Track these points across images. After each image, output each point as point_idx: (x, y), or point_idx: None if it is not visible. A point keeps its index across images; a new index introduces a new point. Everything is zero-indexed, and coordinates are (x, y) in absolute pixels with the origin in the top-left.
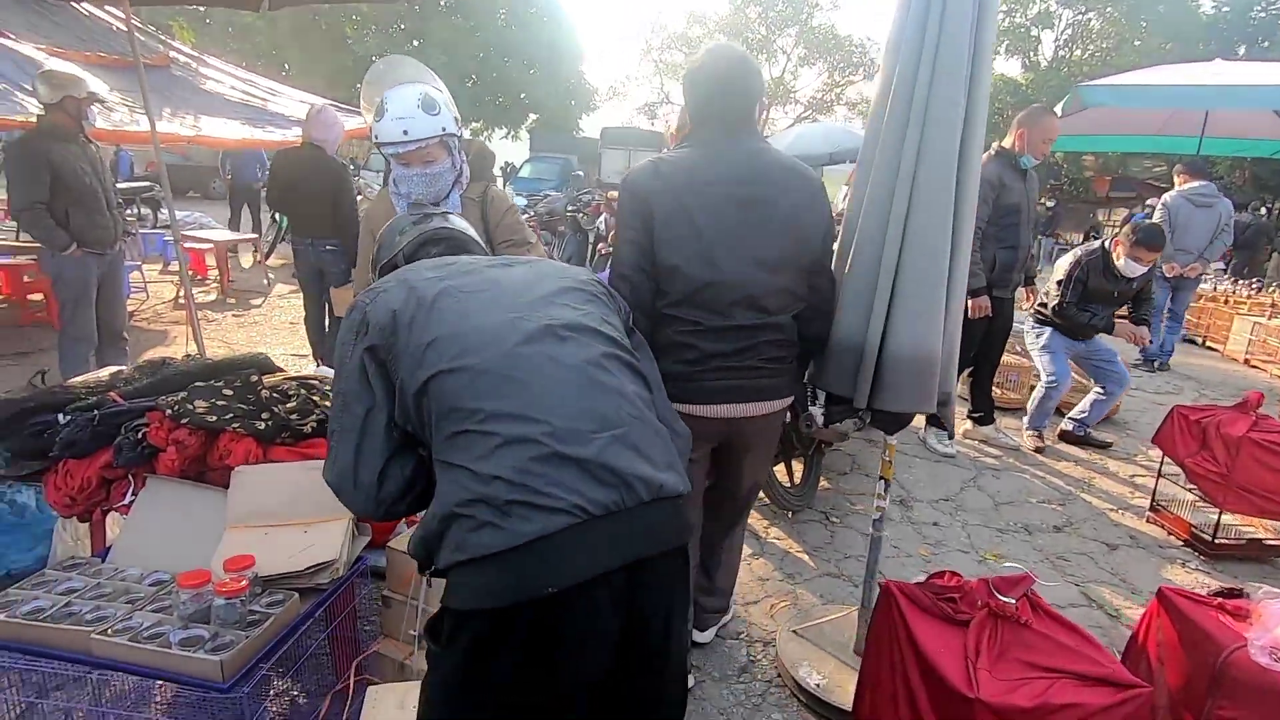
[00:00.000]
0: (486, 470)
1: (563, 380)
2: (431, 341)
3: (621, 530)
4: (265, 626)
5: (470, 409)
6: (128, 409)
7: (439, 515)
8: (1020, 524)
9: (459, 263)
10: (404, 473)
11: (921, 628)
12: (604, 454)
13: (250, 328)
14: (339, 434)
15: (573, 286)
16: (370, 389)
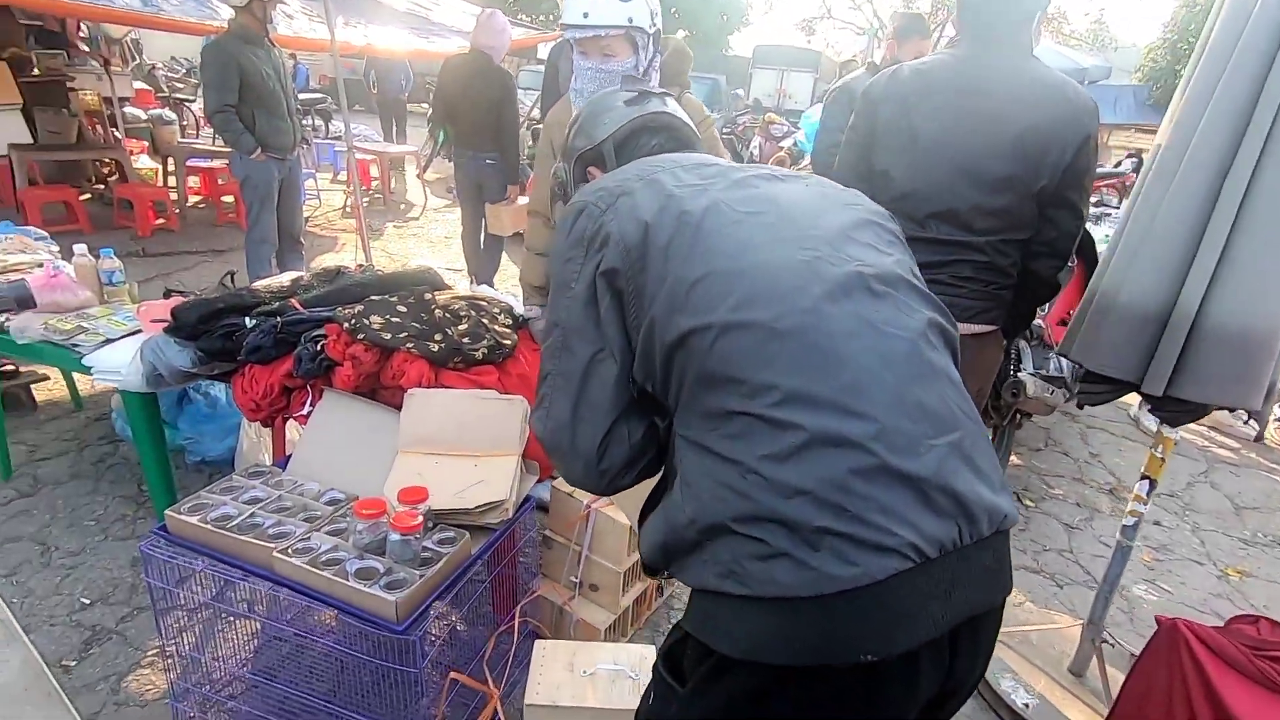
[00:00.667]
0: (785, 478)
1: (887, 357)
2: (701, 278)
3: (959, 578)
4: (438, 567)
5: (758, 383)
6: (307, 318)
7: (700, 525)
8: (1271, 536)
9: (719, 166)
10: (633, 439)
11: (1232, 691)
12: (943, 470)
13: (408, 239)
14: (555, 379)
15: (869, 219)
16: (599, 327)
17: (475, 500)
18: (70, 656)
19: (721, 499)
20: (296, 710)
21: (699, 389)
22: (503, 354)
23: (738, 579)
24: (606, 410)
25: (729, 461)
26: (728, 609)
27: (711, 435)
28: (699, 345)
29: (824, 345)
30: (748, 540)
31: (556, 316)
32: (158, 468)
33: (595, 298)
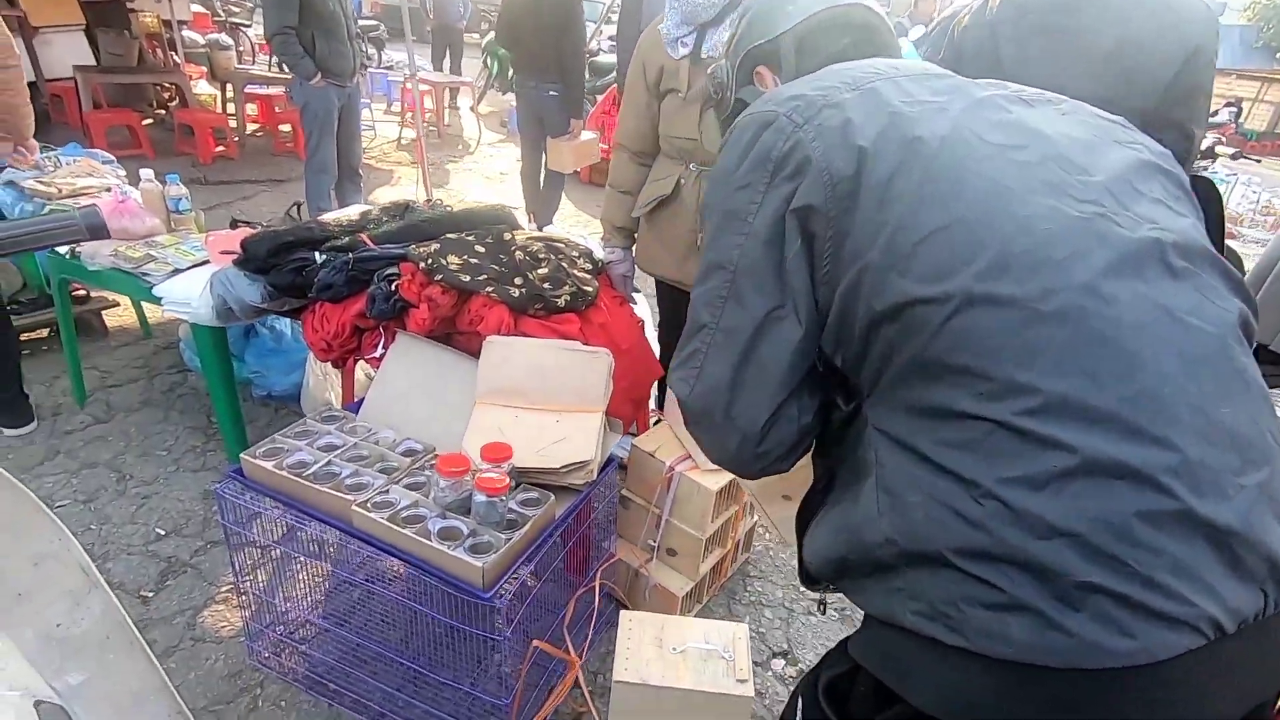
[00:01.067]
0: (1040, 512)
1: (1191, 360)
2: (936, 231)
3: (1252, 660)
4: (523, 531)
5: (1007, 381)
6: (379, 255)
7: (902, 548)
8: None
9: (952, 79)
10: (803, 420)
11: None
12: (1252, 520)
13: (462, 175)
14: (713, 335)
15: (1153, 161)
16: (780, 276)
17: (560, 459)
18: (148, 587)
19: (940, 523)
20: (368, 659)
21: (915, 376)
22: (585, 301)
23: (950, 626)
24: (779, 382)
25: (956, 478)
26: (930, 656)
27: (927, 439)
28: (924, 321)
29: (1108, 338)
30: (972, 581)
31: (722, 256)
32: (227, 402)
33: (780, 237)
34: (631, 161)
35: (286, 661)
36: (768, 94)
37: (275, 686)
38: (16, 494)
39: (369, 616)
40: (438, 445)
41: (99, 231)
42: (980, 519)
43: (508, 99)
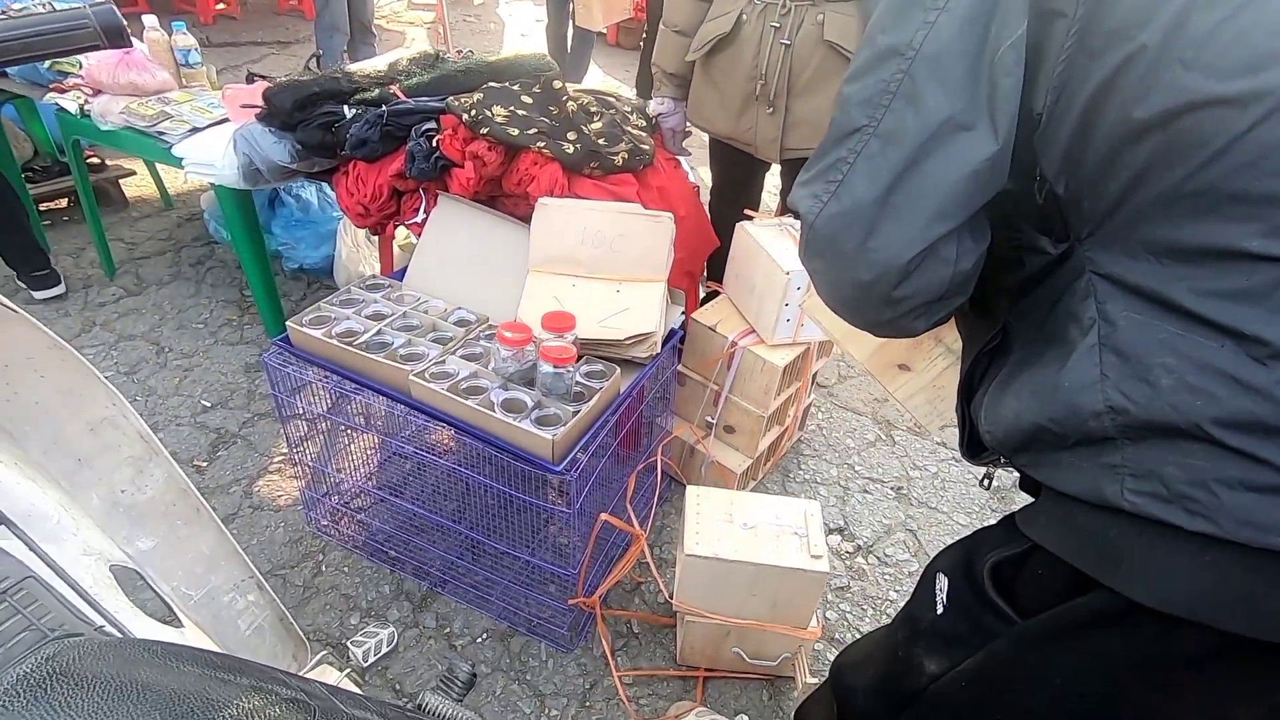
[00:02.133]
0: None
1: None
2: (1217, 27)
3: None
4: (591, 404)
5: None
6: (415, 108)
7: (1134, 419)
8: None
9: None
10: (961, 265)
11: None
12: None
13: (479, 37)
14: (867, 139)
15: None
16: (979, 71)
17: (623, 330)
18: (200, 458)
19: (1203, 391)
20: (426, 528)
21: (1180, 207)
22: (643, 160)
23: (1194, 510)
24: (942, 211)
25: (1233, 334)
26: (1156, 542)
27: (1187, 287)
28: (1215, 130)
29: None
30: (1237, 458)
31: (898, 39)
32: (260, 273)
33: (992, 17)
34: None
35: (345, 529)
36: None
37: (337, 553)
38: (69, 360)
39: (423, 486)
40: (491, 316)
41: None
42: (1263, 385)
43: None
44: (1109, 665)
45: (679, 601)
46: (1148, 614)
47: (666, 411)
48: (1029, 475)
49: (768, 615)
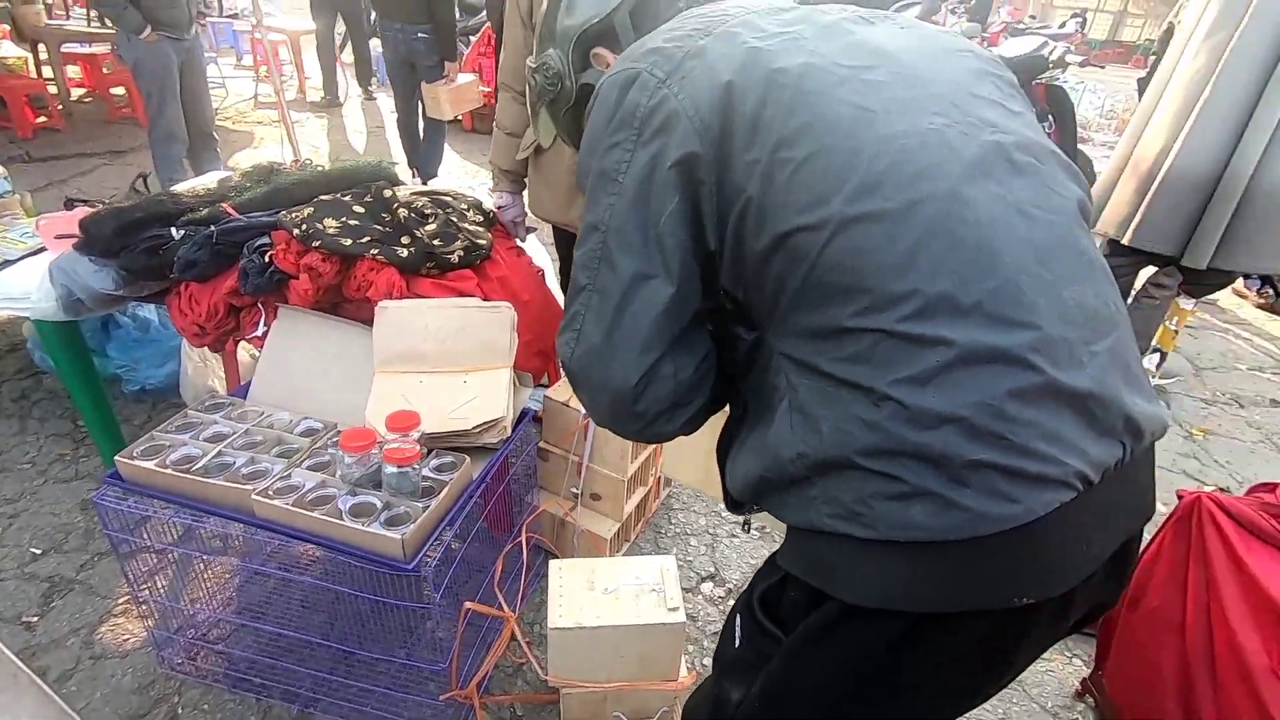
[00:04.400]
0: (928, 405)
1: (1041, 249)
2: (807, 158)
3: (1119, 502)
4: (441, 497)
5: (888, 292)
6: (246, 225)
7: (813, 460)
8: (1229, 394)
9: (799, 9)
10: (680, 377)
11: (1256, 556)
12: (1105, 382)
13: (334, 132)
14: (590, 296)
15: (986, 69)
16: (649, 236)
17: (472, 419)
18: (30, 611)
19: (846, 432)
20: (292, 647)
21: (806, 301)
22: (480, 255)
23: (862, 521)
24: (649, 343)
25: (855, 388)
26: (849, 553)
27: (826, 357)
28: (806, 248)
29: (971, 240)
30: (877, 477)
31: (596, 217)
32: (92, 402)
33: (649, 196)
34: (514, 101)
35: (203, 664)
36: (625, 52)
37: (195, 691)
38: None
39: (287, 605)
40: (340, 421)
41: None
42: (879, 421)
43: (375, 44)
44: (849, 661)
45: (554, 675)
46: (859, 611)
47: (533, 488)
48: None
49: (638, 673)
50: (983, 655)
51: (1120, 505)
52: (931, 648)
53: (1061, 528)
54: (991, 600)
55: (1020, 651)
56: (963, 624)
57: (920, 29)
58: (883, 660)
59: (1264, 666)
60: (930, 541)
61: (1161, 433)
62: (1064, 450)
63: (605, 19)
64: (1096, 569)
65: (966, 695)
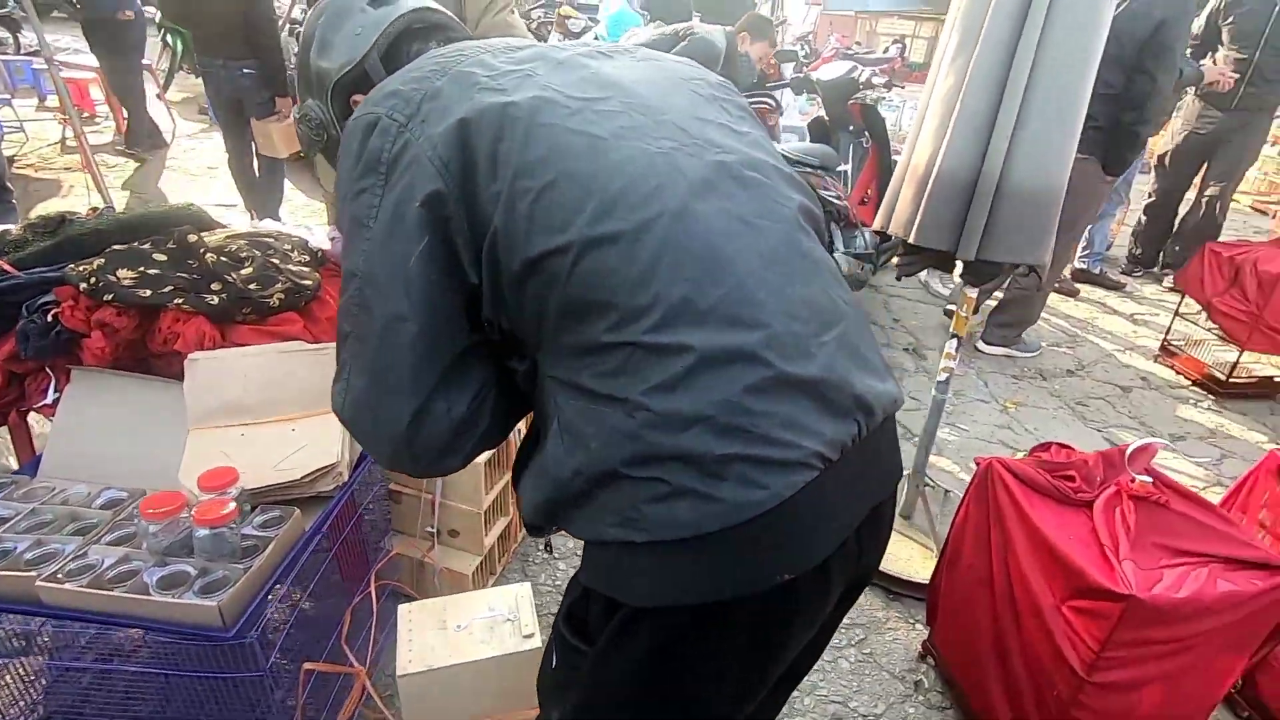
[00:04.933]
0: (677, 408)
1: (766, 254)
2: (545, 187)
3: (861, 473)
4: (265, 555)
5: (632, 306)
6: (25, 282)
7: (588, 475)
8: (1034, 369)
9: (535, 47)
10: (455, 412)
11: (1038, 510)
12: (835, 368)
13: (164, 174)
14: (353, 344)
15: (715, 94)
16: (400, 278)
17: (302, 469)
18: None
19: (609, 444)
20: None
21: (564, 321)
22: (304, 297)
23: (636, 526)
24: (414, 384)
25: (612, 400)
26: (630, 558)
27: (586, 374)
28: (556, 270)
29: (701, 251)
30: (643, 483)
31: (352, 264)
32: None
33: (399, 238)
34: None
35: None
36: (367, 96)
37: None
38: None
39: (108, 698)
40: (151, 488)
41: None
42: (636, 431)
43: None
44: (643, 662)
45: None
46: (645, 611)
47: (387, 532)
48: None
49: (501, 706)
50: (760, 636)
51: (862, 476)
52: (713, 637)
53: (809, 505)
54: (756, 581)
55: (795, 627)
56: (736, 609)
57: (657, 61)
58: (672, 657)
59: (1050, 604)
60: (696, 536)
61: (894, 407)
62: (801, 434)
63: (357, 65)
64: (848, 536)
65: (755, 678)
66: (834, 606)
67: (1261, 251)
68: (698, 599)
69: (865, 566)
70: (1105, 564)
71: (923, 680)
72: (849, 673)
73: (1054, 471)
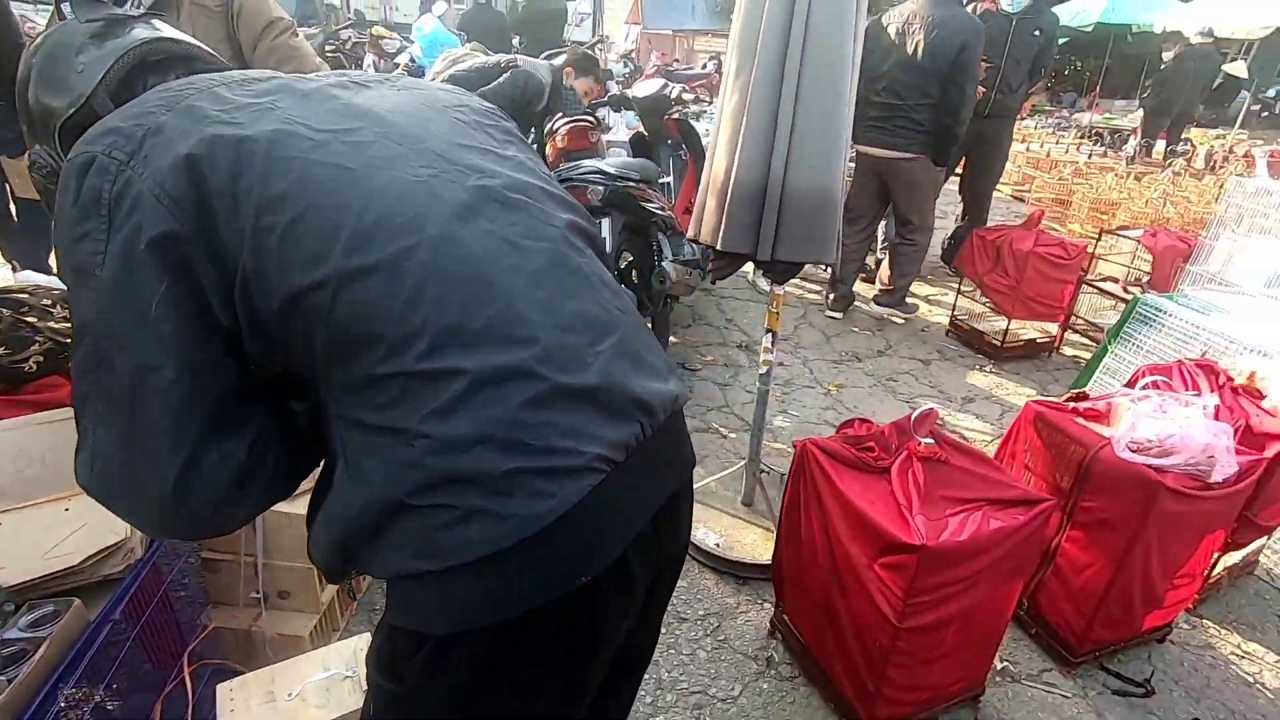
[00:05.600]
0: (457, 432)
1: (534, 273)
2: (293, 221)
3: (649, 469)
4: (37, 659)
5: (400, 335)
6: None
7: (375, 510)
8: (850, 353)
9: (278, 79)
10: (233, 460)
11: (846, 482)
12: (612, 374)
13: None
14: (94, 405)
15: (480, 120)
16: (143, 324)
17: (80, 553)
18: None
19: (393, 476)
20: None
21: (335, 357)
22: (70, 357)
23: (431, 554)
24: (176, 437)
25: (391, 432)
26: (431, 588)
27: (364, 408)
28: (317, 306)
29: (466, 274)
30: (432, 510)
31: (82, 318)
32: None
33: (133, 284)
34: None
35: None
36: (84, 134)
37: None
38: None
39: None
40: None
41: None
42: (417, 460)
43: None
44: (454, 690)
45: None
46: (451, 639)
47: (204, 606)
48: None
49: None
50: (572, 639)
51: (651, 472)
52: (525, 650)
53: (598, 506)
54: (556, 588)
55: (607, 625)
56: (542, 618)
57: (417, 88)
58: (487, 678)
59: (864, 564)
60: (491, 554)
61: (675, 405)
62: (583, 441)
63: (84, 106)
64: (643, 529)
65: (579, 679)
66: (647, 594)
67: (1015, 233)
68: (502, 616)
69: (669, 553)
70: (902, 521)
71: (773, 655)
72: (706, 661)
73: (857, 445)
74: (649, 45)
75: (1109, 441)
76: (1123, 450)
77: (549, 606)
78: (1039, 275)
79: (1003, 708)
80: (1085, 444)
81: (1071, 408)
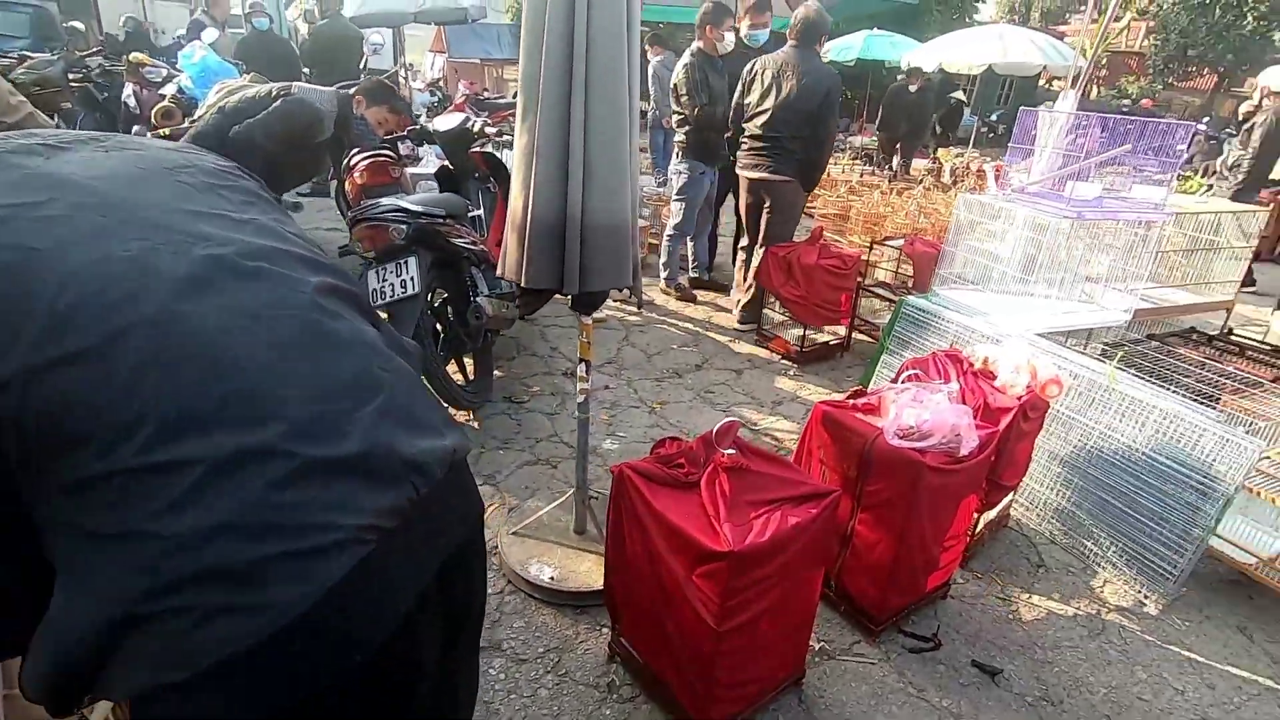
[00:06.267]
0: (191, 525)
1: (281, 345)
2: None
3: (426, 529)
4: None
5: (114, 430)
6: None
7: (104, 625)
8: (671, 370)
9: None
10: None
11: (661, 500)
12: (375, 439)
13: None
14: None
15: (210, 181)
16: None
17: None
18: None
19: (122, 586)
20: None
21: (38, 464)
22: None
23: (177, 663)
24: None
25: (115, 538)
26: (177, 700)
27: (85, 515)
28: (6, 406)
29: (197, 354)
30: (169, 616)
31: None
32: None
33: None
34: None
35: None
36: None
37: None
38: None
39: None
40: None
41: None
42: (148, 563)
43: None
44: None
45: None
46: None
47: None
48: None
49: None
50: (364, 713)
51: (430, 532)
52: None
53: (367, 579)
54: (325, 675)
55: (396, 690)
56: (325, 701)
57: (133, 148)
58: None
59: (684, 577)
60: (240, 653)
61: (454, 458)
62: (344, 514)
63: None
64: (426, 588)
65: None
66: (447, 647)
67: (802, 248)
68: (271, 713)
69: (461, 607)
70: (712, 531)
71: (614, 679)
72: (548, 699)
73: (668, 463)
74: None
75: (881, 431)
76: (891, 438)
77: (333, 693)
78: (824, 285)
79: (823, 685)
80: (864, 435)
81: (851, 404)
